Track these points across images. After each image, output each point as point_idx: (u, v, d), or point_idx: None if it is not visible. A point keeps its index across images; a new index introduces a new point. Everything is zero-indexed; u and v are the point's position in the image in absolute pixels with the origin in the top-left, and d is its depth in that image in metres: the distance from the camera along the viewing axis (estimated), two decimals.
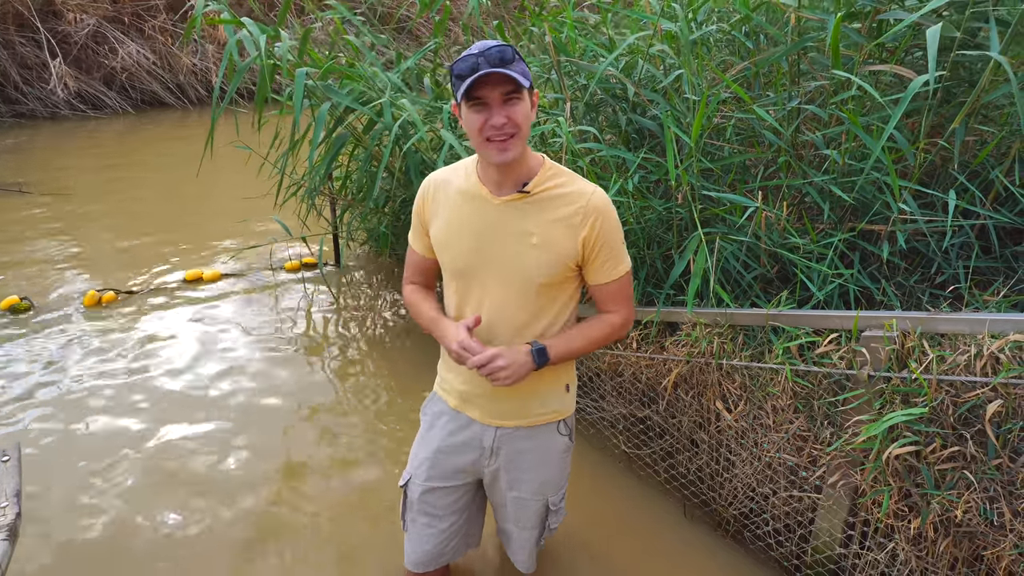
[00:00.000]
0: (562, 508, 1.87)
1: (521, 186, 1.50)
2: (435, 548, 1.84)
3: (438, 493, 1.79)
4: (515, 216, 1.52)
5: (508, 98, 1.39)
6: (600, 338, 1.63)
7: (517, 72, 1.37)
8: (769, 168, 2.50)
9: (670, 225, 2.52)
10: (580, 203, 1.51)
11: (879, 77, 2.29)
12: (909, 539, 1.75)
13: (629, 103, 2.68)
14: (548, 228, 1.51)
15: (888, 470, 1.73)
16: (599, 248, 1.53)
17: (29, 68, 10.06)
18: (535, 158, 1.55)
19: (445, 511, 1.82)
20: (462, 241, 1.57)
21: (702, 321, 2.23)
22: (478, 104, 1.39)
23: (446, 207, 1.60)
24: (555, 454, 1.76)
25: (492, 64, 1.35)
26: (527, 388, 1.62)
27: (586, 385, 2.79)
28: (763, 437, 2.10)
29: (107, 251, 5.14)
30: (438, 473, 1.78)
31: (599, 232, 1.51)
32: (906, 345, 1.74)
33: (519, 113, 1.40)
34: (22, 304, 4.11)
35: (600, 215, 1.51)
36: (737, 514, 2.27)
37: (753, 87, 2.70)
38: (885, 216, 2.19)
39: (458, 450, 1.75)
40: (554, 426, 1.74)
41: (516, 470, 1.75)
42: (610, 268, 1.57)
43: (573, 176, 1.56)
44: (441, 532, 1.83)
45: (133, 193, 6.69)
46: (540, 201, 1.51)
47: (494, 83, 1.37)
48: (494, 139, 1.41)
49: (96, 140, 8.97)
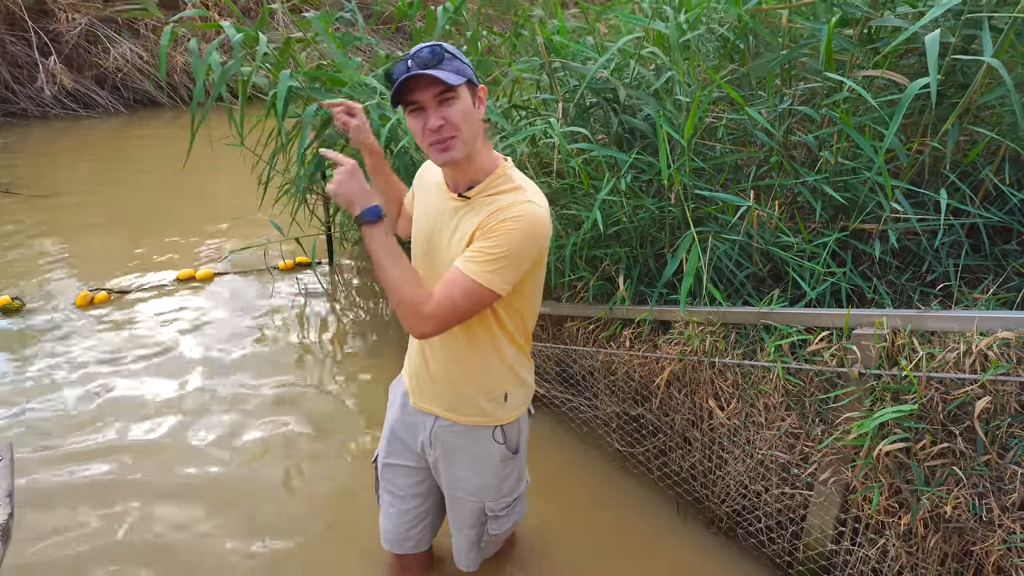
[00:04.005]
0: (505, 517, 1.81)
1: (466, 189, 1.48)
2: (398, 528, 1.87)
3: (396, 471, 1.83)
4: (457, 215, 1.51)
5: (442, 99, 1.34)
6: (403, 295, 1.41)
7: (447, 71, 1.32)
8: (761, 168, 2.51)
9: (663, 224, 2.53)
10: (504, 204, 1.42)
11: (872, 80, 2.31)
12: (899, 535, 1.76)
13: (621, 105, 2.69)
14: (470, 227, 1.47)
15: (878, 467, 1.74)
16: (479, 236, 1.41)
17: (20, 67, 10.00)
18: (491, 160, 1.49)
19: (404, 492, 1.84)
20: (420, 226, 1.61)
21: (695, 320, 2.24)
22: (415, 109, 1.37)
23: (422, 189, 1.65)
24: (490, 461, 1.71)
25: (420, 66, 1.31)
26: (455, 385, 1.64)
27: (579, 383, 2.80)
28: (755, 435, 2.11)
29: (99, 251, 5.12)
30: (394, 450, 1.82)
31: (492, 223, 1.40)
32: (896, 343, 1.76)
33: (456, 113, 1.35)
34: (14, 304, 4.08)
35: (509, 216, 1.39)
36: (730, 511, 2.28)
37: (744, 87, 2.72)
38: (877, 215, 2.20)
39: (407, 429, 1.78)
40: (488, 431, 1.68)
41: (452, 466, 1.74)
42: (466, 259, 1.41)
43: (520, 187, 1.47)
44: (403, 513, 1.86)
45: (125, 192, 6.66)
46: (477, 206, 1.47)
47: (424, 85, 1.33)
48: (433, 142, 1.37)
49: (88, 139, 8.93)
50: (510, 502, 1.80)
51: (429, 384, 1.68)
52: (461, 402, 1.66)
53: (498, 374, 1.65)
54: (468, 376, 1.63)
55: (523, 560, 2.25)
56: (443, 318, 1.43)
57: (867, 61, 2.36)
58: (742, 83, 2.73)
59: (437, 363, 1.65)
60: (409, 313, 1.43)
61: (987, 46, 1.89)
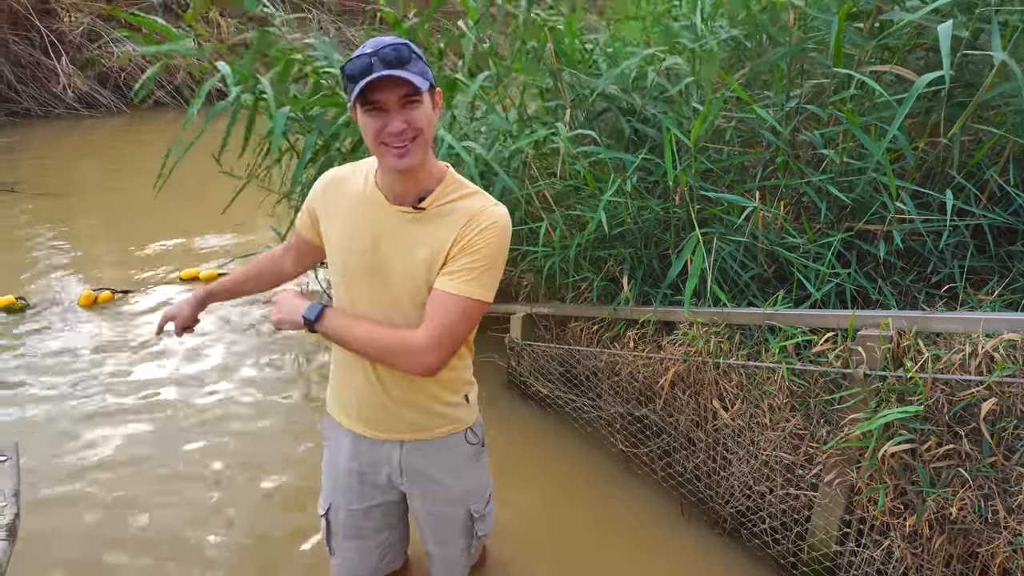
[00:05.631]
0: (488, 512, 1.76)
1: (417, 200, 1.40)
2: (370, 563, 1.78)
3: (364, 514, 1.71)
4: (407, 226, 1.41)
5: (406, 101, 1.27)
6: (387, 344, 1.40)
7: (415, 73, 1.25)
8: (767, 168, 2.51)
9: (667, 225, 2.53)
10: (471, 213, 1.38)
11: (879, 77, 2.30)
12: (905, 536, 1.76)
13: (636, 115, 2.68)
14: (436, 242, 1.39)
15: (884, 468, 1.74)
16: (462, 254, 1.37)
17: (23, 67, 10.00)
18: (438, 167, 1.44)
19: (374, 529, 1.75)
20: (352, 246, 1.46)
21: (699, 320, 2.24)
22: (374, 109, 1.27)
23: (341, 209, 1.49)
24: (467, 463, 1.67)
25: (387, 65, 1.23)
26: (421, 404, 1.55)
27: (583, 384, 2.80)
28: (760, 435, 2.11)
29: (103, 250, 5.12)
30: (357, 496, 1.68)
31: (473, 239, 1.36)
32: (902, 344, 1.76)
33: (420, 117, 1.29)
34: (17, 304, 4.09)
35: (485, 225, 1.36)
36: (734, 512, 2.28)
37: (752, 86, 2.72)
38: (882, 216, 2.20)
39: (371, 470, 1.65)
40: (460, 435, 1.64)
41: (430, 485, 1.65)
42: (458, 282, 1.37)
43: (476, 191, 1.44)
44: (374, 548, 1.77)
45: (129, 192, 6.65)
46: (433, 216, 1.40)
47: (391, 86, 1.25)
48: (392, 145, 1.29)
49: (91, 139, 8.94)
50: (488, 497, 1.77)
51: (388, 411, 1.56)
52: (427, 417, 1.58)
53: (457, 379, 1.60)
54: (430, 390, 1.55)
55: (525, 561, 2.25)
56: (445, 346, 1.38)
57: (876, 56, 2.35)
58: (751, 83, 2.72)
59: (398, 387, 1.53)
60: (405, 355, 1.38)
61: (996, 41, 1.88)
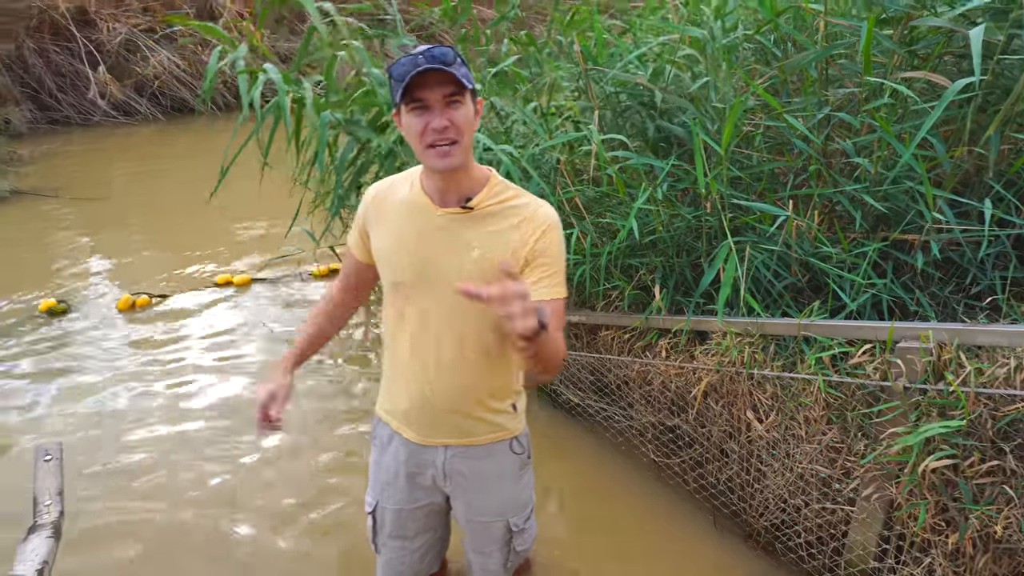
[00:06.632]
0: (529, 528, 1.78)
1: (464, 201, 1.43)
2: (411, 564, 1.80)
3: (408, 514, 1.73)
4: (457, 228, 1.44)
5: (450, 100, 1.31)
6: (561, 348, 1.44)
7: (459, 73, 1.29)
8: (799, 176, 2.48)
9: (699, 233, 2.51)
10: (524, 215, 1.44)
11: (911, 84, 2.26)
12: (946, 554, 1.73)
13: (657, 110, 2.67)
14: (489, 241, 1.43)
15: (924, 483, 1.71)
16: (536, 262, 1.43)
17: (63, 76, 10.29)
18: (481, 171, 1.47)
19: (417, 531, 1.77)
20: (404, 253, 1.48)
21: (732, 330, 2.22)
22: (419, 107, 1.32)
23: (389, 217, 1.52)
24: (510, 473, 1.68)
25: (433, 64, 1.27)
26: (469, 410, 1.57)
27: (614, 393, 2.79)
28: (795, 448, 2.08)
29: (140, 255, 5.24)
30: (404, 497, 1.71)
31: (539, 245, 1.42)
32: (943, 357, 1.72)
33: (461, 117, 1.32)
34: (59, 307, 4.21)
35: (544, 228, 1.43)
36: (768, 525, 2.25)
37: (781, 94, 2.69)
38: (919, 225, 2.16)
39: (416, 472, 1.67)
40: (505, 444, 1.65)
41: (471, 492, 1.67)
42: (545, 288, 1.44)
43: (521, 192, 1.48)
44: (415, 550, 1.78)
45: (164, 198, 6.81)
46: (483, 216, 1.44)
47: (435, 84, 1.29)
48: (436, 144, 1.33)
49: (128, 146, 9.15)
50: (529, 513, 1.77)
51: (437, 415, 1.58)
52: (474, 423, 1.59)
53: (505, 387, 1.62)
54: (478, 398, 1.57)
55: (553, 570, 2.25)
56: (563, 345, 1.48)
57: (908, 63, 2.31)
58: (779, 89, 2.70)
59: (445, 393, 1.55)
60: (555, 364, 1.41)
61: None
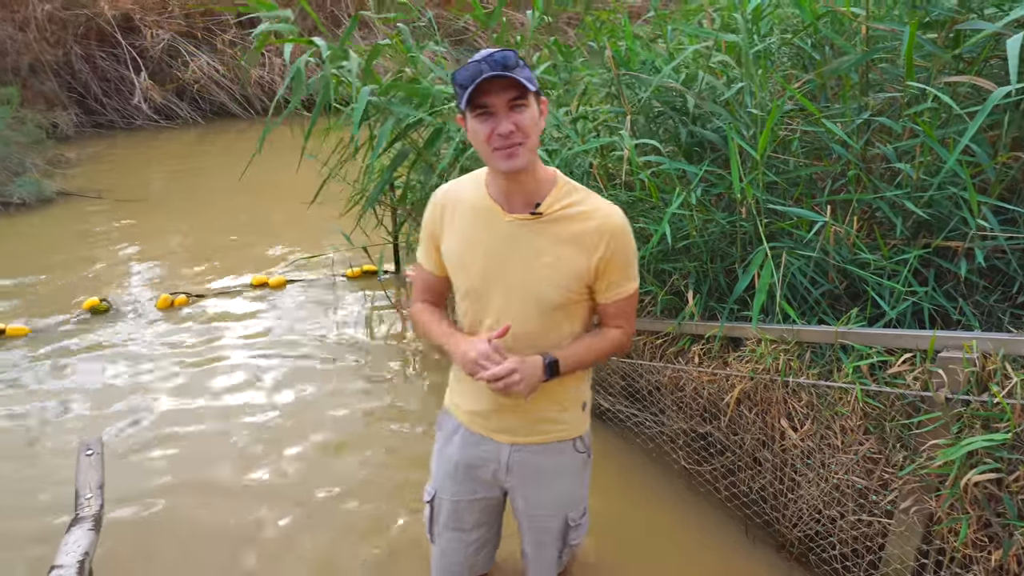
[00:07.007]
0: (583, 523, 1.80)
1: (534, 206, 1.44)
2: (465, 558, 1.81)
3: (467, 506, 1.76)
4: (526, 234, 1.46)
5: (514, 104, 1.33)
6: (605, 352, 1.60)
7: (522, 76, 1.31)
8: (837, 182, 2.44)
9: (733, 239, 2.48)
10: (595, 222, 1.45)
11: (955, 89, 2.21)
12: (989, 571, 1.68)
13: (690, 115, 2.65)
14: (561, 247, 1.45)
15: (966, 497, 1.67)
16: (611, 269, 1.48)
17: (108, 81, 10.60)
18: (547, 172, 1.49)
19: (473, 524, 1.78)
20: (474, 260, 1.50)
21: (767, 337, 2.19)
22: (483, 112, 1.34)
23: (459, 223, 1.53)
24: (572, 471, 1.71)
25: (495, 69, 1.29)
26: (540, 407, 1.59)
27: (645, 399, 2.77)
28: (830, 458, 2.05)
29: (179, 256, 5.37)
30: (463, 488, 1.73)
31: (613, 253, 1.46)
32: (987, 367, 1.68)
33: (526, 120, 1.34)
34: (102, 305, 4.34)
35: (616, 236, 1.46)
36: (802, 536, 2.21)
37: (819, 99, 2.65)
38: (962, 232, 2.11)
39: (477, 465, 1.70)
40: (570, 443, 1.68)
41: (532, 487, 1.70)
42: (619, 287, 1.52)
43: (588, 193, 1.49)
44: (471, 543, 1.80)
45: (204, 200, 6.96)
46: (553, 221, 1.46)
47: (499, 89, 1.31)
48: (501, 148, 1.35)
49: (169, 149, 9.38)
50: (584, 508, 1.80)
51: (510, 413, 1.61)
52: (545, 422, 1.62)
53: (580, 388, 1.65)
54: (557, 397, 1.60)
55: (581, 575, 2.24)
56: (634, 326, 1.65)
57: (952, 67, 2.26)
58: (817, 94, 2.66)
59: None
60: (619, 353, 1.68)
61: None
